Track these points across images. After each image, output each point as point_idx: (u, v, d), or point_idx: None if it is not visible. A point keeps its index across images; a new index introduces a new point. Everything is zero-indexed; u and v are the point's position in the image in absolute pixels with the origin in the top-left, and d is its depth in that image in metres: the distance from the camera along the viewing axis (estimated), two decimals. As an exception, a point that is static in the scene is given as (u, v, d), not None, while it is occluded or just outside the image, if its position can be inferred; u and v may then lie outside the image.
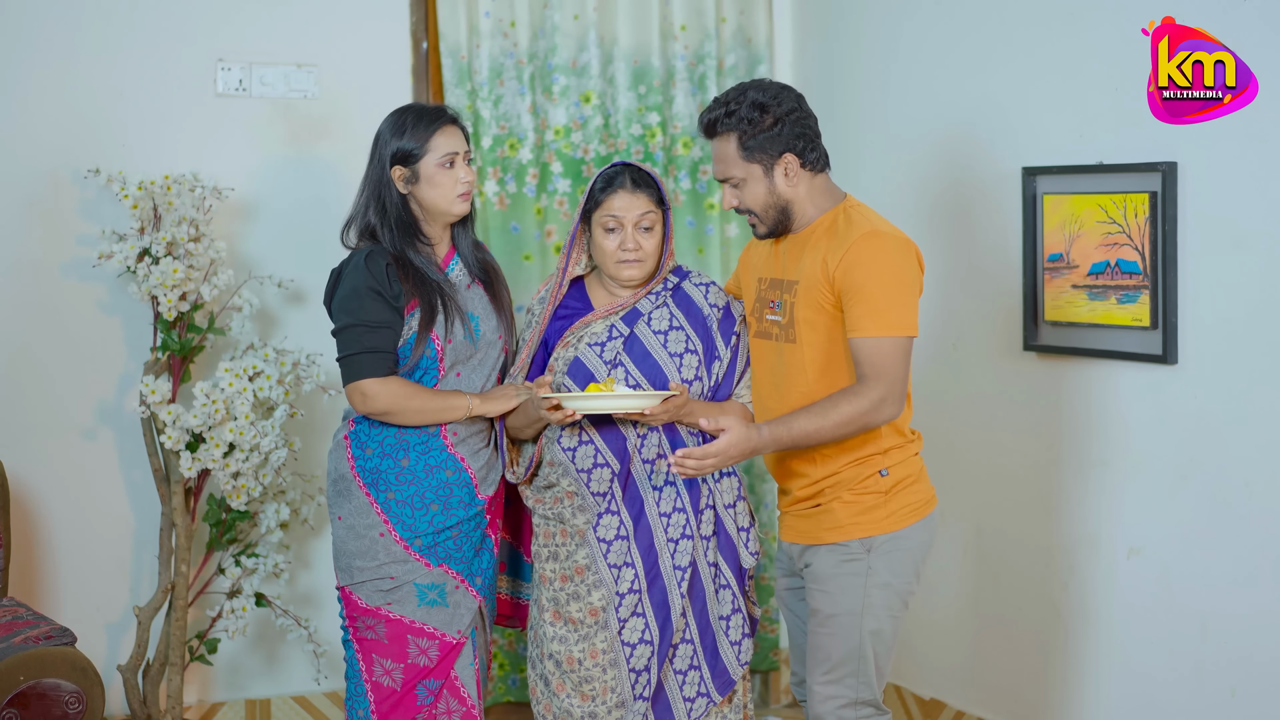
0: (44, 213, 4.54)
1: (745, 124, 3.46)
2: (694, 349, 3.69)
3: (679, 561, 3.67)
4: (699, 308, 3.74)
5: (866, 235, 3.41)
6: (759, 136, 3.47)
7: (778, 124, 3.47)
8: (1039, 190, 4.26)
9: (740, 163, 3.50)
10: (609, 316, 3.71)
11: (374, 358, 3.65)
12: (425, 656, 3.73)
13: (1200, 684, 3.96)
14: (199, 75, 4.68)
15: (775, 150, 3.48)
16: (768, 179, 3.50)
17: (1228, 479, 3.89)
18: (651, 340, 3.68)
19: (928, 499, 3.57)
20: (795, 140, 3.48)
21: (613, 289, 3.74)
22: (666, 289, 3.74)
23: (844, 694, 3.52)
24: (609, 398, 3.49)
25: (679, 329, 3.70)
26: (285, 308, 4.77)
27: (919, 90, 4.77)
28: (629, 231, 3.64)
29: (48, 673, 3.68)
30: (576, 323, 3.72)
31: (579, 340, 3.70)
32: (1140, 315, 4.00)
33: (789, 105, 3.49)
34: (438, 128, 3.73)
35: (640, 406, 3.49)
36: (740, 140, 3.48)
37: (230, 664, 4.81)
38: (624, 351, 3.67)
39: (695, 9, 5.15)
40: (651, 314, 3.71)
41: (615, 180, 3.65)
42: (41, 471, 4.56)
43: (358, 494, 3.72)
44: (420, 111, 3.77)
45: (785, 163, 3.49)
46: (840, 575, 3.50)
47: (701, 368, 3.69)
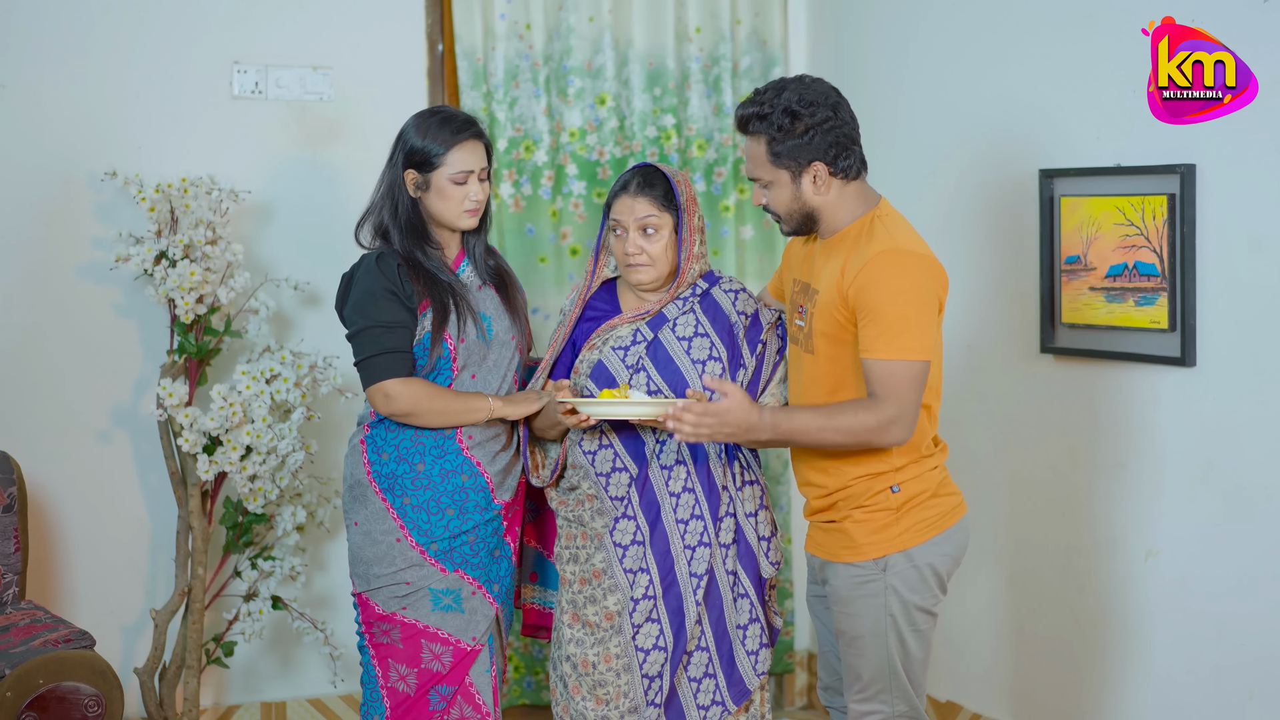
0: (59, 215, 4.54)
1: (775, 130, 3.38)
2: (718, 356, 3.66)
3: (695, 568, 3.66)
4: (726, 315, 3.71)
5: (883, 253, 3.33)
6: (788, 143, 3.39)
7: (809, 132, 3.38)
8: (1056, 192, 4.25)
9: (768, 166, 3.43)
10: (635, 320, 3.70)
11: (394, 358, 3.63)
12: (439, 662, 3.72)
13: (1218, 686, 3.96)
14: (214, 77, 4.68)
15: (804, 159, 3.39)
16: (794, 185, 3.42)
17: (1246, 481, 3.88)
18: (675, 346, 3.67)
19: (946, 511, 3.50)
20: (827, 149, 3.39)
21: (639, 293, 3.73)
22: (695, 294, 3.71)
23: (880, 709, 3.52)
24: (621, 404, 3.47)
25: (704, 336, 3.68)
26: (301, 310, 4.77)
27: (935, 92, 4.76)
28: (631, 235, 3.63)
29: (67, 676, 3.68)
30: (603, 325, 3.71)
31: (604, 343, 3.69)
32: (1158, 318, 3.99)
33: (823, 115, 3.39)
34: (459, 140, 3.68)
35: (651, 414, 3.44)
36: (770, 145, 3.40)
37: (246, 667, 4.81)
38: (647, 356, 3.66)
39: (710, 11, 5.15)
40: (677, 320, 3.68)
41: (621, 183, 3.65)
42: (58, 474, 4.56)
43: (373, 499, 3.71)
44: (447, 118, 3.70)
45: (814, 171, 3.40)
46: (859, 597, 3.47)
47: (725, 375, 3.65)
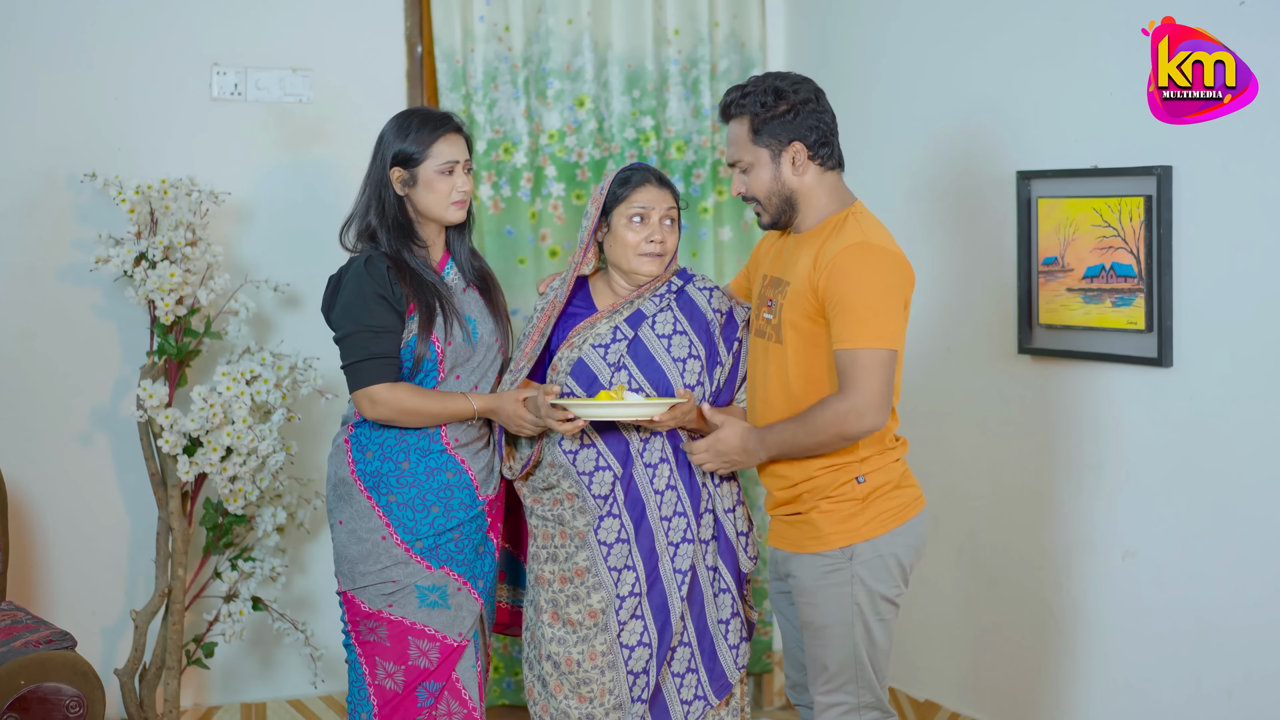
0: (39, 217, 4.53)
1: (759, 106, 3.46)
2: (697, 354, 3.69)
3: (679, 565, 3.68)
4: (702, 313, 3.74)
5: (852, 246, 3.38)
6: (771, 121, 3.46)
7: (791, 111, 3.46)
8: (1033, 194, 4.27)
9: (750, 145, 3.49)
10: (613, 316, 3.71)
11: (381, 363, 3.65)
12: (425, 658, 3.73)
13: (1196, 686, 3.98)
14: (194, 79, 4.68)
15: (785, 137, 3.47)
16: (774, 165, 3.49)
17: (1223, 481, 3.91)
18: (655, 344, 3.69)
19: (908, 502, 3.54)
20: (807, 131, 3.47)
21: (617, 286, 3.74)
22: (670, 291, 3.74)
23: (846, 700, 3.53)
24: (619, 406, 3.51)
25: (682, 333, 3.70)
26: (281, 311, 4.76)
27: (913, 94, 4.78)
28: (655, 223, 3.65)
29: (48, 677, 3.67)
30: (581, 323, 3.72)
31: (583, 341, 3.70)
32: (1135, 318, 4.02)
33: (805, 95, 3.48)
34: (441, 134, 3.74)
35: (650, 414, 3.51)
36: (752, 123, 3.48)
37: (226, 668, 4.80)
38: (628, 355, 3.67)
39: (688, 14, 5.16)
40: (655, 317, 3.71)
41: (637, 175, 3.67)
42: (38, 476, 4.55)
43: (359, 498, 3.72)
44: (426, 116, 3.77)
45: (793, 151, 3.48)
46: (825, 586, 3.50)
47: (704, 373, 3.69)
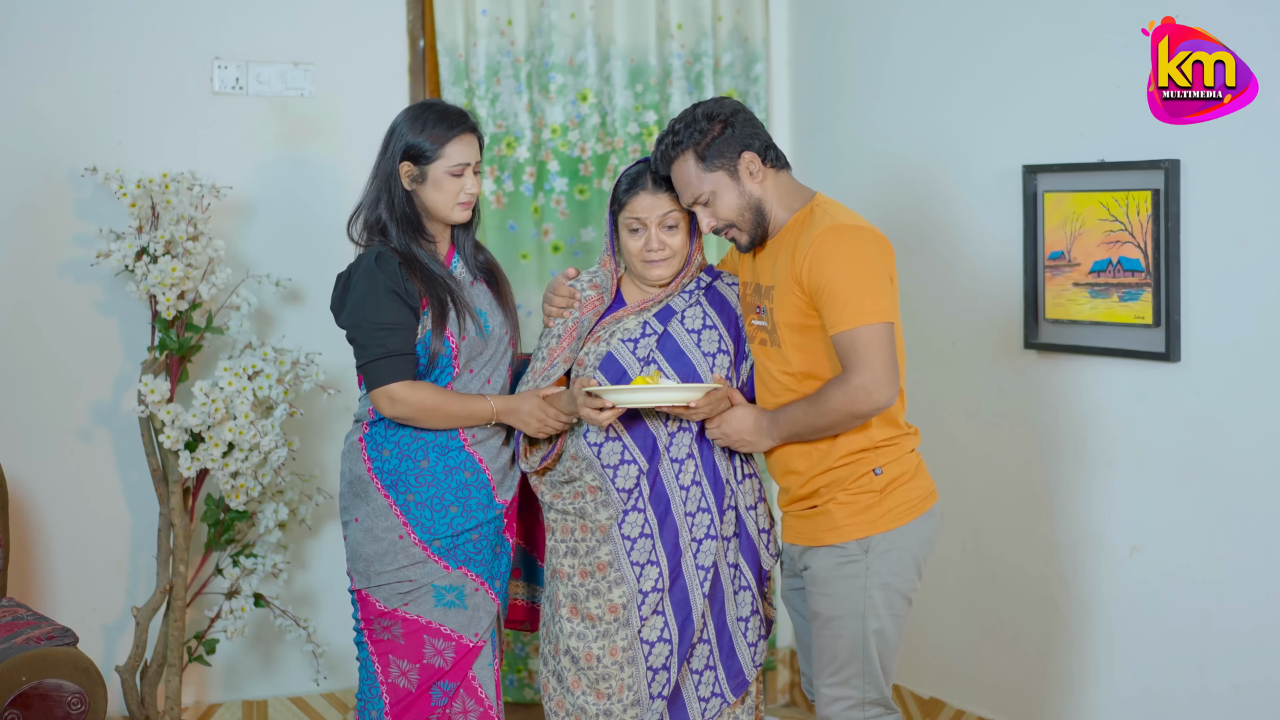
0: (40, 211, 4.51)
1: (697, 135, 3.45)
2: (726, 349, 3.67)
3: (702, 561, 3.65)
4: (732, 307, 3.72)
5: (827, 231, 3.39)
6: (715, 143, 3.45)
7: (728, 127, 3.46)
8: (1040, 188, 4.26)
9: (704, 175, 3.47)
10: (642, 312, 3.68)
11: (398, 361, 3.61)
12: (440, 658, 3.70)
13: (1203, 681, 3.97)
14: (195, 73, 4.66)
15: (733, 152, 3.46)
16: (735, 182, 3.47)
17: (1230, 476, 3.89)
18: (685, 339, 3.66)
19: (925, 495, 3.54)
20: (751, 139, 3.47)
21: (644, 285, 3.71)
22: (700, 287, 3.71)
23: (851, 694, 3.52)
24: (657, 391, 3.48)
25: (712, 328, 3.68)
26: (283, 306, 4.75)
27: (918, 87, 4.76)
28: (653, 232, 3.61)
29: (50, 673, 3.66)
30: (608, 317, 3.69)
31: (611, 335, 3.67)
32: (1142, 313, 4.00)
33: (732, 107, 3.49)
34: (456, 134, 3.68)
35: (687, 399, 3.48)
36: (696, 153, 3.46)
37: (228, 665, 4.79)
38: (657, 349, 3.64)
39: (692, 8, 5.14)
40: (685, 312, 3.68)
41: (638, 181, 3.61)
42: (39, 472, 4.53)
43: (376, 496, 3.68)
44: (443, 112, 3.71)
45: (747, 161, 3.47)
46: (840, 578, 3.50)
47: (732, 368, 3.68)
